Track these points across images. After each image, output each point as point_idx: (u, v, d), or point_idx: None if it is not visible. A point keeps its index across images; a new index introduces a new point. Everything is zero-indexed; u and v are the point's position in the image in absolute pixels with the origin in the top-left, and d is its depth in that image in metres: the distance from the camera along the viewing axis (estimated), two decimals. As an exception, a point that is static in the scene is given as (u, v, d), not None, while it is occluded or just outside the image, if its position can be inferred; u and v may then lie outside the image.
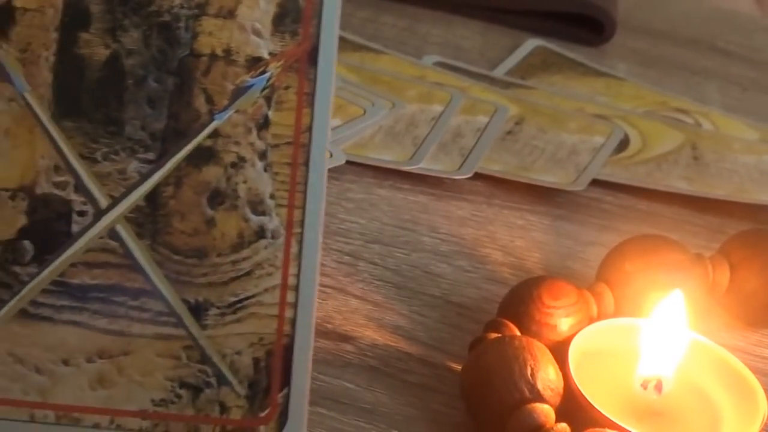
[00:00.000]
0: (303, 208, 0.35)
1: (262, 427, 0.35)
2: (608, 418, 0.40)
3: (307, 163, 0.35)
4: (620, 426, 0.40)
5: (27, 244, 0.35)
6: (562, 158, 0.59)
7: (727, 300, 0.49)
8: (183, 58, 0.35)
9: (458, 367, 0.44)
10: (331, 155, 0.55)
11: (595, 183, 0.57)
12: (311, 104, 0.35)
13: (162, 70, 0.35)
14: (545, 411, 0.40)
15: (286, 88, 0.35)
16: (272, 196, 0.35)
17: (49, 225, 0.35)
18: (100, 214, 0.35)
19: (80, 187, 0.35)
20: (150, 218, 0.35)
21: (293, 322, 0.35)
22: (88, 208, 0.35)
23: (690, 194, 0.58)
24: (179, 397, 0.35)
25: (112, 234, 0.35)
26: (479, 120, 0.61)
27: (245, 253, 0.35)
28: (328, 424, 0.42)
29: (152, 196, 0.35)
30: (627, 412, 0.42)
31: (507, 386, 0.40)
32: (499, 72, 0.67)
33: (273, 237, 0.35)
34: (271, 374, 0.35)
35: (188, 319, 0.35)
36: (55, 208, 0.35)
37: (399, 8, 0.71)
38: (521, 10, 0.73)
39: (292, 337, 0.35)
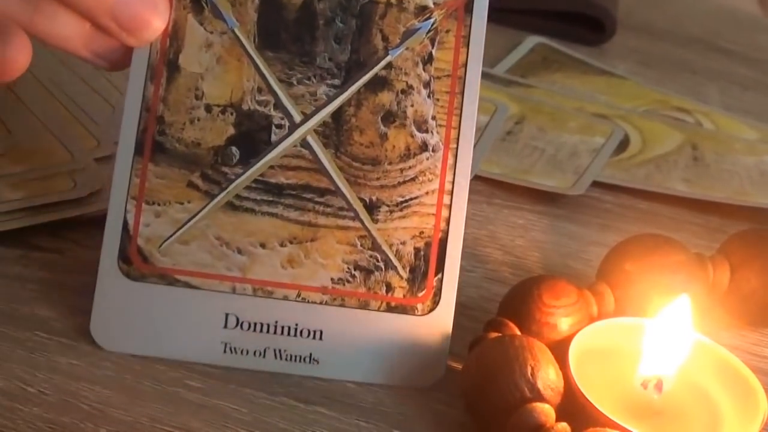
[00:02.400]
0: (458, 128, 0.43)
1: (419, 305, 0.43)
2: (608, 418, 0.40)
3: (462, 92, 0.43)
4: (620, 425, 0.40)
5: (234, 149, 0.42)
6: (561, 160, 0.59)
7: (727, 299, 0.49)
8: (364, 4, 0.43)
9: (458, 367, 0.44)
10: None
11: (596, 183, 0.57)
12: (467, 45, 0.43)
13: (347, 14, 0.43)
14: (545, 410, 0.40)
15: (447, 31, 0.43)
16: (434, 118, 0.43)
17: (252, 135, 0.42)
18: (294, 127, 0.43)
19: (279, 105, 0.42)
20: (334, 132, 0.43)
21: (448, 220, 0.43)
22: (285, 122, 0.42)
23: (689, 197, 0.58)
24: (354, 277, 0.42)
25: (304, 144, 0.43)
26: (479, 119, 0.60)
27: (411, 162, 0.43)
28: (329, 423, 0.42)
29: (337, 115, 0.43)
30: (627, 411, 0.42)
31: (507, 385, 0.40)
32: (500, 69, 0.67)
33: (433, 150, 0.43)
34: (428, 262, 0.43)
35: (363, 214, 0.43)
36: (258, 122, 0.42)
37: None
38: (522, 9, 0.73)
39: (446, 233, 0.43)
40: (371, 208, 0.42)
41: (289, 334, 0.42)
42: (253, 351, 0.43)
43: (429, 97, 0.43)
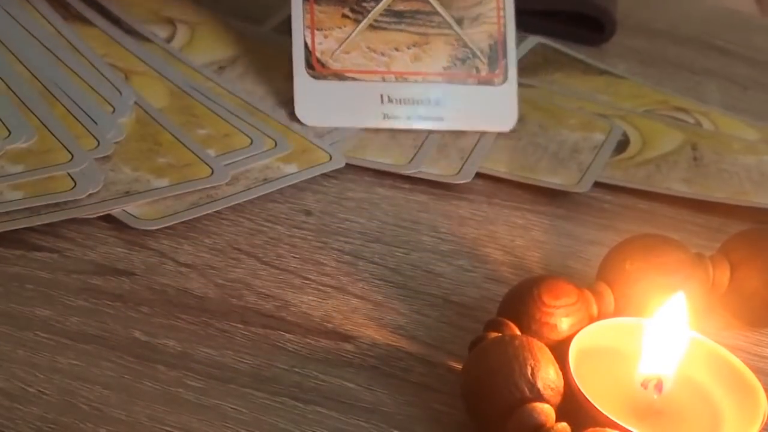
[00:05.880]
0: None
1: (496, 79, 0.61)
2: (608, 418, 0.40)
3: None
4: (620, 425, 0.40)
5: None
6: (564, 157, 0.59)
7: (727, 299, 0.49)
8: None
9: (458, 367, 0.44)
10: (331, 158, 0.56)
11: (596, 183, 0.57)
12: None
13: None
14: (545, 410, 0.40)
15: None
16: None
17: None
18: None
19: None
20: None
21: (504, 26, 0.62)
22: None
23: (690, 197, 0.58)
24: (456, 65, 0.60)
25: None
26: (480, 119, 0.61)
27: None
28: (329, 423, 0.42)
29: None
30: (627, 411, 0.42)
31: (507, 385, 0.40)
32: (500, 71, 0.67)
33: None
34: (497, 52, 0.61)
35: (455, 26, 0.61)
36: None
37: (399, 7, 0.71)
38: (521, 9, 0.73)
39: (505, 34, 0.61)
40: (459, 21, 0.60)
41: (422, 103, 0.60)
42: (401, 116, 0.59)
43: None
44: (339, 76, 0.60)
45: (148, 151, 0.54)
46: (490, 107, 0.61)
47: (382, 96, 0.60)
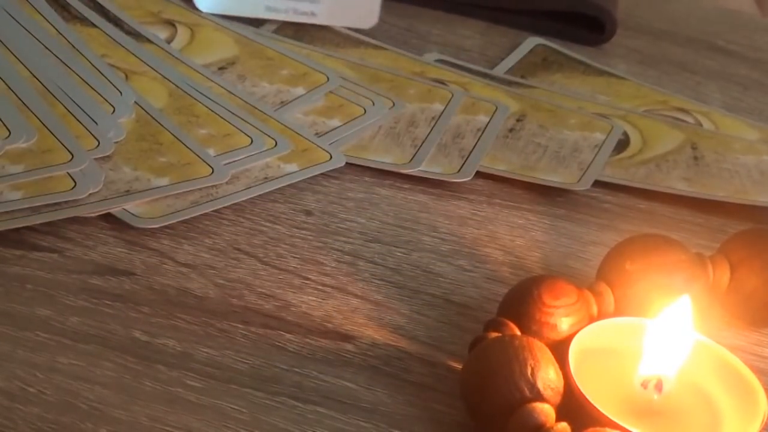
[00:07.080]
0: None
1: None
2: (608, 418, 0.40)
3: None
4: (620, 425, 0.40)
5: None
6: (565, 156, 0.59)
7: (727, 299, 0.49)
8: None
9: (458, 367, 0.44)
10: (331, 157, 0.55)
11: (596, 182, 0.57)
12: None
13: None
14: (545, 410, 0.40)
15: None
16: None
17: None
18: None
19: None
20: None
21: None
22: None
23: (690, 196, 0.58)
24: None
25: None
26: (479, 119, 0.61)
27: None
28: (328, 423, 0.42)
29: None
30: (627, 411, 0.42)
31: (507, 386, 0.40)
32: (500, 71, 0.67)
33: None
34: None
35: None
36: None
37: (399, 8, 0.71)
38: (522, 9, 0.73)
39: None
40: None
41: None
42: (281, 10, 0.67)
43: None
44: None
45: (149, 151, 0.54)
46: (356, 7, 0.69)
47: None
